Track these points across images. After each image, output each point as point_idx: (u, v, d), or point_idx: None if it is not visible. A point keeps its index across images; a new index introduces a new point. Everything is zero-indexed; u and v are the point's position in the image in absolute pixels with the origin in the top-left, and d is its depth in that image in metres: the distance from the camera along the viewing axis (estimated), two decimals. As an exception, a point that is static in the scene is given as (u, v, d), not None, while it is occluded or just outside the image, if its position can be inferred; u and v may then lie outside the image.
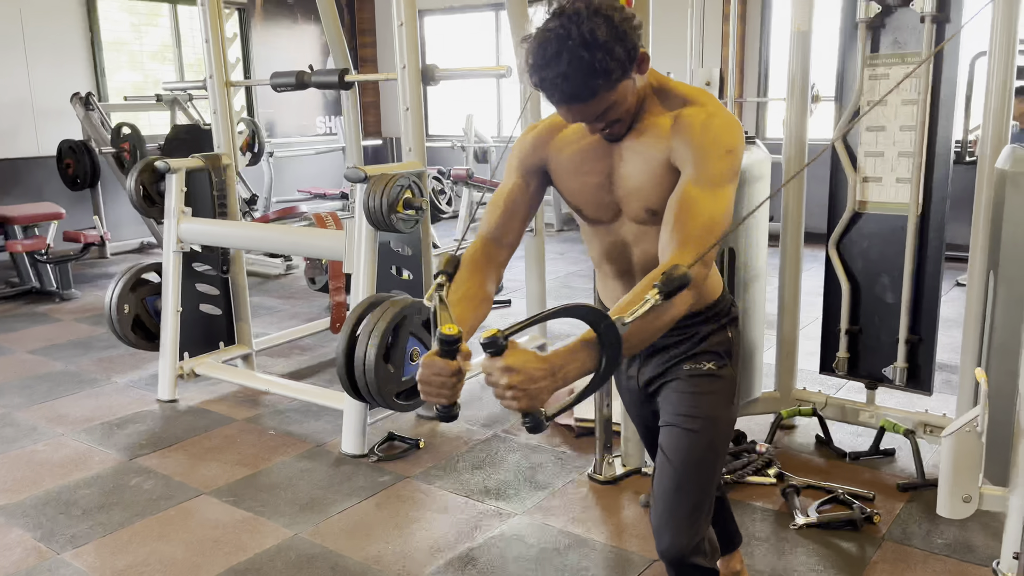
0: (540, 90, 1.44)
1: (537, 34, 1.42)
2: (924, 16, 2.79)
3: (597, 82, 1.40)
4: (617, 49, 1.39)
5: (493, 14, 9.07)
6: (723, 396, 1.68)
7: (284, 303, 5.66)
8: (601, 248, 1.71)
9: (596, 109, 1.46)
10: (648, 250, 1.63)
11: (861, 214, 3.06)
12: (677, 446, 1.65)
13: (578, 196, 1.66)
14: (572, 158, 1.64)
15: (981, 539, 2.50)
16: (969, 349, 2.80)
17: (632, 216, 1.61)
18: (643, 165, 1.55)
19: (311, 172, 9.48)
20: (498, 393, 1.27)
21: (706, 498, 1.67)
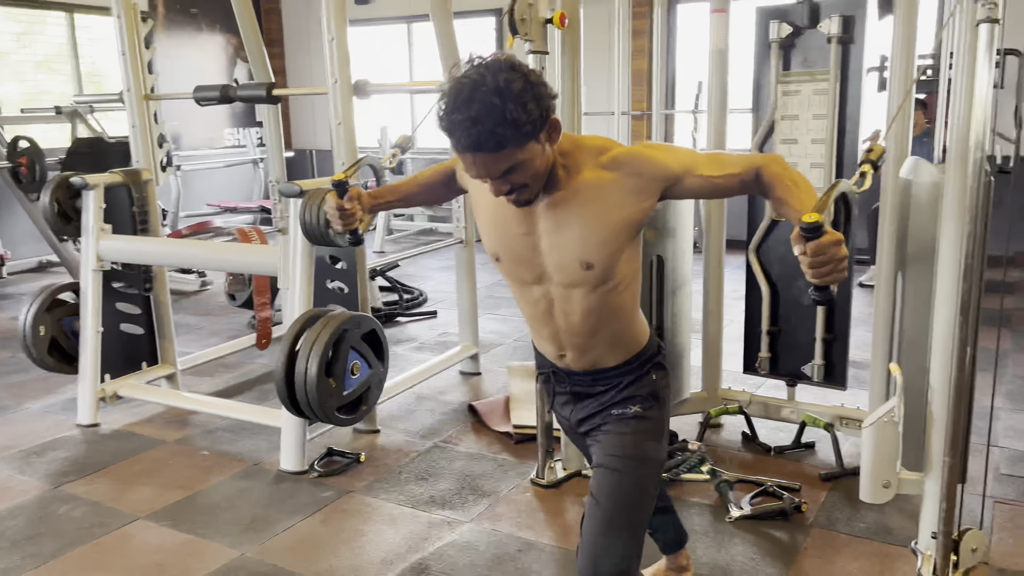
0: (448, 135, 1.43)
1: (453, 81, 1.42)
2: (830, 37, 3.00)
3: (506, 132, 1.38)
4: (530, 104, 1.39)
5: (405, 26, 9.08)
6: (650, 436, 1.69)
7: (203, 320, 5.52)
8: (527, 308, 1.71)
9: (501, 165, 1.43)
10: (573, 315, 1.63)
11: (778, 221, 3.24)
12: (605, 488, 1.65)
13: (498, 243, 1.65)
14: (491, 207, 1.63)
15: (898, 522, 2.70)
16: (880, 346, 3.01)
17: (559, 276, 1.60)
18: (583, 219, 1.54)
19: (219, 185, 9.25)
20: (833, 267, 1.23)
21: (635, 540, 1.65)
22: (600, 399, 1.73)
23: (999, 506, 2.78)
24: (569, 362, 1.73)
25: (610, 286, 1.60)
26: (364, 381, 3.06)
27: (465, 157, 1.44)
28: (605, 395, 1.72)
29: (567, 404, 1.80)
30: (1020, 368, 4.09)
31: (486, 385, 4.12)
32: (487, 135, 1.38)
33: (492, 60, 1.42)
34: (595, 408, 1.74)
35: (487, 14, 8.45)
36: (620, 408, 1.70)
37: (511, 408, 3.63)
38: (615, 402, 1.71)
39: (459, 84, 1.40)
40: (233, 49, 9.71)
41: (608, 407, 1.72)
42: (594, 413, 1.74)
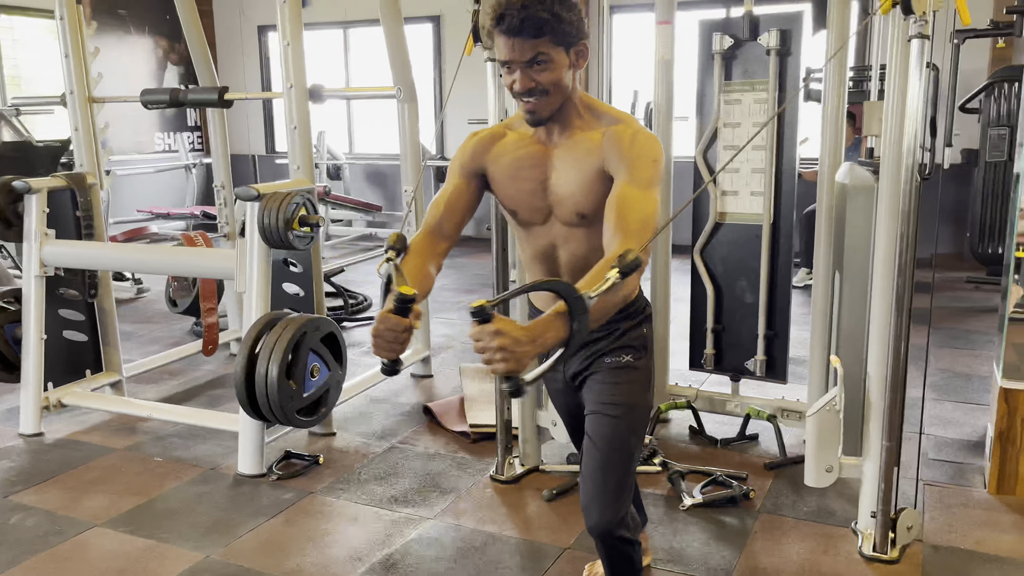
0: (497, 21, 1.63)
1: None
2: (770, 50, 3.17)
3: (546, 23, 1.61)
4: (572, 11, 1.65)
5: (342, 31, 9.06)
6: (640, 385, 1.87)
7: (141, 328, 5.41)
8: (532, 250, 1.88)
9: (533, 51, 1.64)
10: (575, 251, 1.81)
11: (721, 224, 3.41)
12: (601, 431, 1.82)
13: (514, 200, 1.84)
14: (509, 166, 1.82)
15: (839, 505, 2.87)
16: (818, 340, 3.19)
17: (563, 219, 1.79)
18: (576, 173, 1.74)
19: (149, 191, 9.06)
20: (487, 357, 1.38)
21: (628, 476, 1.85)
22: (593, 347, 1.85)
23: (929, 488, 2.98)
24: None
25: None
26: (323, 383, 3.09)
27: (505, 42, 1.65)
28: (599, 343, 1.84)
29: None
30: (942, 362, 4.36)
31: (438, 387, 4.17)
32: (531, 20, 1.61)
33: None
34: (589, 359, 1.86)
35: (425, 21, 8.51)
36: (613, 356, 1.84)
37: (466, 408, 3.69)
38: (609, 350, 1.84)
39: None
40: (163, 52, 9.51)
41: (601, 355, 1.84)
42: (588, 364, 1.87)
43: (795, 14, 3.16)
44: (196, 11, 4.36)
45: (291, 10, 3.24)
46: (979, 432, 3.44)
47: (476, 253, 8.00)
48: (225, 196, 4.58)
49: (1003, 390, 2.89)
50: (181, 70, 9.66)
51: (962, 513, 2.81)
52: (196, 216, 8.02)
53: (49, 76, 8.23)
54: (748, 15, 3.20)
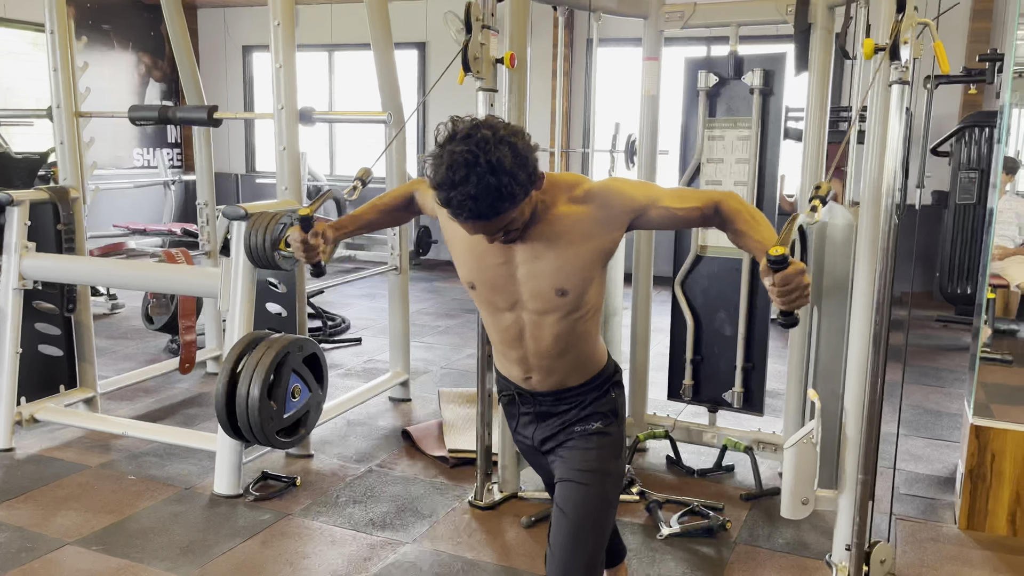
0: (446, 207, 1.53)
1: (445, 154, 1.50)
2: (753, 88, 3.26)
3: (503, 205, 1.51)
4: (520, 174, 1.51)
5: (327, 55, 9.11)
6: (611, 451, 1.82)
7: (115, 344, 5.35)
8: (497, 333, 1.81)
9: (498, 225, 1.56)
10: (544, 339, 1.74)
11: (702, 257, 3.46)
12: (572, 500, 1.75)
13: (474, 274, 1.75)
14: (468, 240, 1.71)
15: (813, 537, 2.90)
16: (795, 374, 3.25)
17: (533, 303, 1.71)
18: (560, 247, 1.66)
19: (126, 207, 8.98)
20: (798, 294, 1.43)
21: (600, 549, 1.76)
22: (563, 417, 1.84)
23: (902, 523, 3.03)
24: (535, 383, 1.83)
25: (580, 313, 1.73)
26: (304, 404, 3.08)
27: (464, 225, 1.57)
28: (568, 413, 1.84)
29: (530, 424, 1.90)
30: (913, 398, 4.44)
31: (417, 411, 4.17)
32: (486, 208, 1.50)
33: (480, 136, 1.49)
34: (558, 427, 1.85)
35: (410, 47, 8.59)
36: (583, 425, 1.82)
37: (445, 433, 3.69)
38: (578, 419, 1.82)
39: (453, 161, 1.48)
40: (146, 68, 9.50)
41: (571, 424, 1.83)
42: (557, 431, 1.84)
43: (778, 55, 3.25)
44: (186, 30, 4.38)
45: (284, 33, 3.27)
46: (949, 468, 3.51)
47: (454, 278, 8.02)
48: (208, 214, 4.56)
49: (974, 427, 2.96)
50: (164, 87, 9.64)
51: (933, 548, 2.86)
52: (173, 233, 7.97)
53: (30, 88, 8.18)
54: (733, 55, 3.29)
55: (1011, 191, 5.17)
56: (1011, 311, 4.93)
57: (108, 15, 8.95)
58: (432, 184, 1.53)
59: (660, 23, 3.41)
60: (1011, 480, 2.94)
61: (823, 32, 3.08)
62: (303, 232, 1.86)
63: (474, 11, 2.78)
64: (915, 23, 2.22)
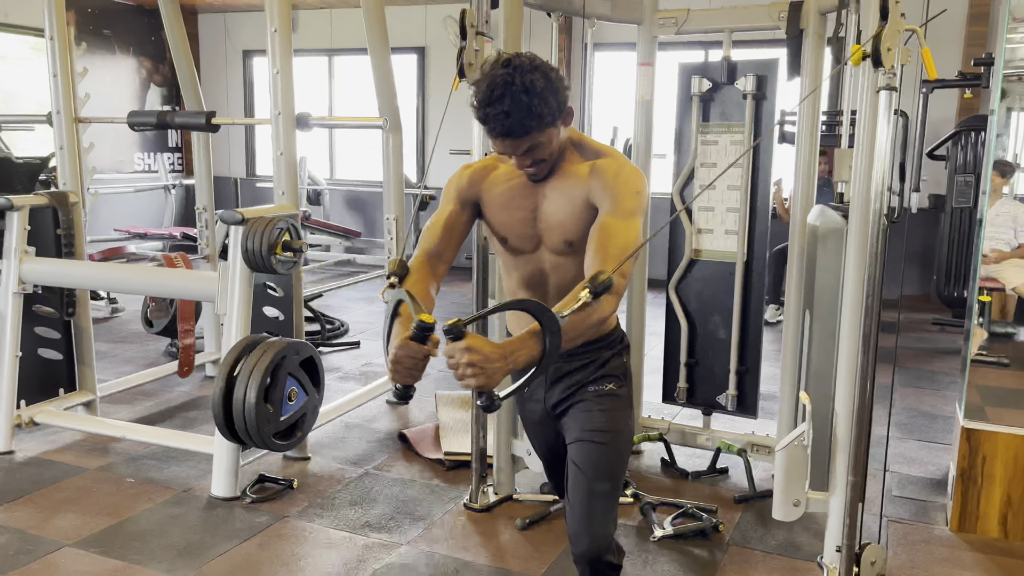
0: (483, 123, 1.70)
1: (486, 76, 1.69)
2: (746, 94, 3.29)
3: (531, 123, 1.68)
4: (550, 99, 1.69)
5: (327, 59, 9.15)
6: (623, 412, 1.93)
7: (115, 347, 5.38)
8: (520, 276, 1.94)
9: (525, 144, 1.72)
10: (563, 277, 1.87)
11: (696, 261, 3.49)
12: (588, 457, 1.86)
13: (505, 227, 1.90)
14: (502, 195, 1.89)
15: (805, 539, 2.92)
16: (788, 377, 3.27)
17: (551, 247, 1.86)
18: (565, 203, 1.81)
19: (127, 211, 9.02)
20: (459, 373, 1.47)
21: (615, 502, 1.91)
22: (575, 377, 1.90)
23: (893, 524, 3.05)
24: None
25: None
26: (300, 408, 3.10)
27: (496, 141, 1.73)
28: (580, 372, 1.90)
29: (539, 387, 1.96)
30: (907, 401, 4.47)
31: (414, 414, 4.19)
32: (517, 125, 1.67)
33: (519, 61, 1.68)
34: (571, 388, 1.91)
35: (410, 52, 8.63)
36: (596, 385, 1.89)
37: (441, 436, 3.72)
38: (591, 379, 1.89)
39: (492, 82, 1.67)
40: (146, 73, 9.54)
41: (584, 384, 1.90)
42: (570, 393, 1.91)
43: (771, 61, 3.28)
44: (185, 35, 4.41)
45: (281, 39, 3.30)
46: (942, 470, 3.53)
47: (455, 282, 8.04)
48: (207, 218, 4.59)
49: (965, 430, 2.98)
50: (164, 91, 9.69)
51: (924, 550, 2.88)
52: (174, 237, 8.01)
53: (30, 93, 8.22)
54: (726, 60, 3.32)
55: (1008, 194, 5.19)
56: (1007, 314, 4.95)
57: (109, 20, 9.00)
58: (473, 102, 1.70)
59: (654, 29, 3.44)
60: (1002, 483, 2.96)
61: (815, 38, 3.10)
62: (420, 345, 1.54)
63: (469, 18, 2.82)
64: (902, 29, 2.25)
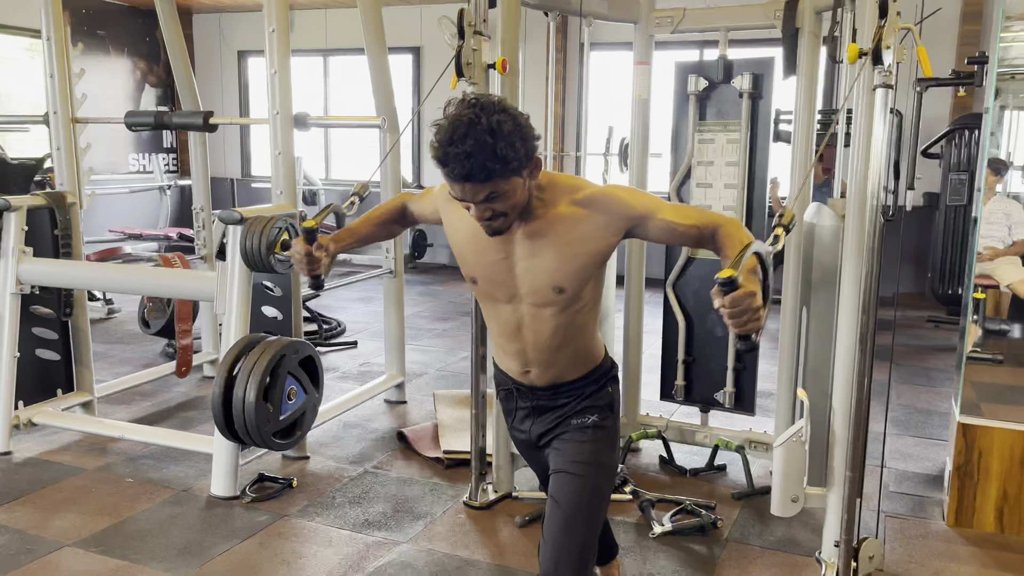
0: (442, 164, 1.58)
1: (451, 116, 1.58)
2: (742, 92, 3.30)
3: (495, 167, 1.55)
4: (517, 144, 1.57)
5: (322, 59, 9.15)
6: (606, 444, 1.86)
7: (112, 348, 5.38)
8: (497, 326, 1.86)
9: (486, 191, 1.59)
10: (542, 332, 1.79)
11: (693, 259, 3.50)
12: (566, 491, 1.80)
13: (473, 268, 1.81)
14: (471, 233, 1.77)
15: (804, 535, 2.94)
16: (785, 373, 3.29)
17: (530, 298, 1.77)
18: (555, 247, 1.71)
19: (121, 212, 9.00)
20: (748, 317, 1.38)
21: (593, 539, 1.81)
22: (560, 411, 1.88)
23: (890, 520, 3.07)
24: (533, 378, 1.87)
25: (577, 307, 1.77)
26: (300, 407, 3.11)
27: (455, 185, 1.61)
28: (565, 407, 1.88)
29: (527, 419, 1.94)
30: (904, 398, 4.49)
31: (412, 413, 4.20)
32: (479, 168, 1.55)
33: (486, 102, 1.58)
34: (555, 420, 1.89)
35: (405, 52, 8.64)
36: (579, 418, 1.86)
37: (440, 435, 3.73)
38: (575, 412, 1.86)
39: (456, 120, 1.56)
40: (141, 73, 9.53)
41: (568, 417, 1.87)
42: (554, 425, 1.89)
43: (767, 59, 3.30)
44: (181, 36, 4.41)
45: (279, 39, 3.31)
46: (939, 466, 3.55)
47: (450, 281, 8.06)
48: (204, 218, 4.60)
49: (961, 425, 3.00)
50: (159, 92, 9.68)
51: (922, 544, 2.90)
52: (169, 238, 8.00)
53: (24, 94, 8.20)
54: (722, 59, 3.33)
55: (1001, 192, 5.22)
56: (1002, 311, 4.97)
57: (103, 21, 8.99)
58: (434, 142, 1.59)
59: (650, 28, 3.46)
60: (998, 477, 2.98)
61: (810, 36, 3.12)
62: (307, 244, 1.88)
63: (466, 17, 2.83)
64: (898, 28, 2.27)
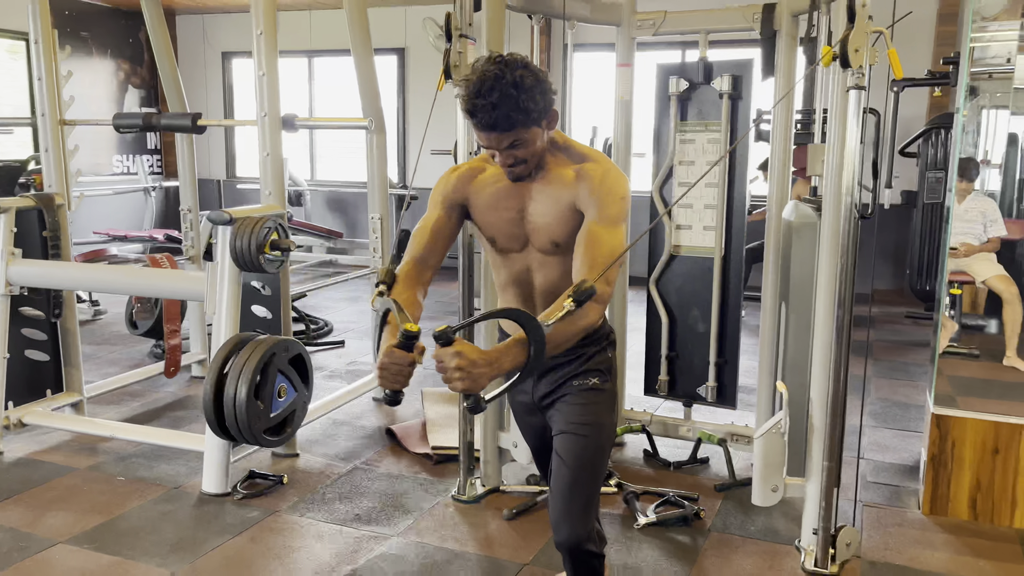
0: (470, 115, 1.76)
1: (478, 70, 1.75)
2: (722, 93, 3.38)
3: (518, 117, 1.74)
4: (538, 97, 1.75)
5: (306, 60, 9.17)
6: (606, 406, 1.99)
7: (99, 350, 5.39)
8: (508, 274, 2.01)
9: (509, 139, 1.78)
10: (549, 276, 1.95)
11: (676, 256, 3.58)
12: (570, 449, 1.93)
13: (493, 228, 1.97)
14: (490, 196, 1.96)
15: (783, 524, 3.02)
16: (765, 368, 3.37)
17: (538, 247, 1.93)
18: (551, 205, 1.88)
19: (106, 213, 8.99)
20: (447, 376, 1.56)
21: (596, 493, 1.97)
22: (561, 371, 1.97)
23: (867, 509, 3.16)
24: None
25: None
26: (290, 404, 3.15)
27: (481, 134, 1.79)
28: (566, 367, 1.96)
29: (528, 380, 1.99)
30: (881, 392, 4.59)
31: (400, 410, 4.25)
32: (503, 118, 1.73)
33: (510, 59, 1.76)
34: (557, 381, 1.98)
35: (390, 53, 8.67)
36: (580, 379, 1.95)
37: (428, 431, 3.78)
38: (576, 374, 1.96)
39: (483, 75, 1.73)
40: (124, 75, 9.51)
41: (569, 379, 1.96)
42: (556, 386, 1.98)
43: (746, 61, 3.37)
44: (168, 37, 4.45)
45: (267, 42, 3.36)
46: (915, 457, 3.64)
47: (438, 281, 8.09)
48: (192, 219, 4.63)
49: (935, 416, 3.09)
50: (143, 93, 9.66)
51: (897, 532, 2.98)
52: (155, 239, 8.00)
53: (5, 96, 8.18)
54: (703, 61, 3.41)
55: (979, 190, 5.33)
56: (978, 307, 5.08)
57: (86, 22, 8.96)
58: (463, 94, 1.74)
59: (632, 31, 3.53)
60: (971, 466, 3.07)
61: (788, 39, 3.20)
62: (406, 353, 1.62)
63: (453, 21, 2.89)
64: (869, 31, 2.35)
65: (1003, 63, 3.59)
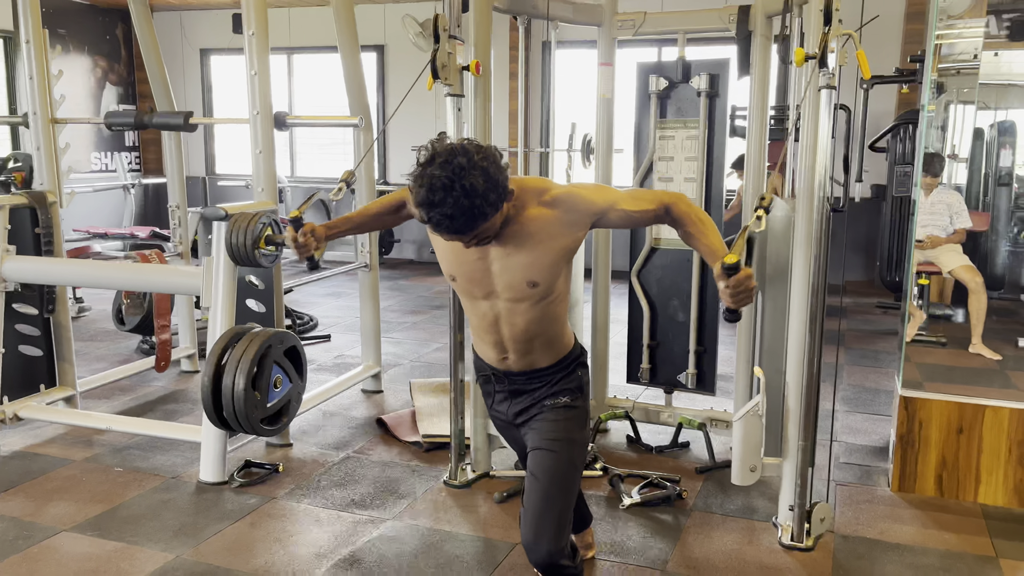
0: (427, 223, 1.75)
1: (425, 177, 1.71)
2: (700, 92, 3.51)
3: (476, 221, 1.73)
4: (491, 196, 1.72)
5: (285, 57, 9.21)
6: (577, 422, 2.06)
7: (86, 346, 5.43)
8: (476, 319, 2.04)
9: (471, 238, 1.79)
10: (517, 324, 1.97)
11: (656, 249, 3.71)
12: (543, 465, 1.99)
13: (454, 267, 1.97)
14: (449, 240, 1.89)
15: (761, 503, 3.17)
16: (743, 355, 3.51)
17: (507, 293, 1.93)
18: (526, 251, 1.87)
19: (85, 210, 8.96)
20: (746, 295, 1.68)
21: (568, 508, 2.00)
22: (534, 394, 2.07)
23: (840, 488, 3.32)
24: (510, 364, 2.06)
25: (549, 299, 1.96)
26: (286, 394, 3.24)
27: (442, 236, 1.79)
28: (539, 390, 2.06)
29: (504, 401, 2.13)
30: (853, 378, 4.76)
31: (389, 401, 4.36)
32: (462, 226, 1.73)
33: (457, 162, 1.69)
34: (530, 401, 2.08)
35: (369, 50, 8.74)
36: (552, 399, 2.05)
37: (418, 420, 3.89)
38: (548, 395, 2.05)
39: (432, 185, 1.69)
40: (102, 71, 9.49)
41: (542, 399, 2.06)
42: (530, 405, 2.07)
43: (723, 60, 3.51)
44: (155, 35, 4.50)
45: (258, 41, 3.44)
46: (884, 439, 3.81)
47: (417, 276, 8.21)
48: (180, 216, 4.69)
49: (902, 398, 3.25)
50: (120, 90, 9.64)
51: (868, 508, 3.14)
52: (135, 236, 8.01)
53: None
54: (681, 60, 3.54)
55: (945, 184, 5.52)
56: (945, 297, 5.27)
57: (64, 19, 8.94)
58: (414, 203, 1.75)
59: (613, 31, 3.65)
60: (937, 446, 3.24)
61: (762, 39, 3.34)
62: (294, 231, 2.15)
63: (441, 22, 2.99)
64: (840, 33, 2.49)
65: (969, 59, 3.75)
